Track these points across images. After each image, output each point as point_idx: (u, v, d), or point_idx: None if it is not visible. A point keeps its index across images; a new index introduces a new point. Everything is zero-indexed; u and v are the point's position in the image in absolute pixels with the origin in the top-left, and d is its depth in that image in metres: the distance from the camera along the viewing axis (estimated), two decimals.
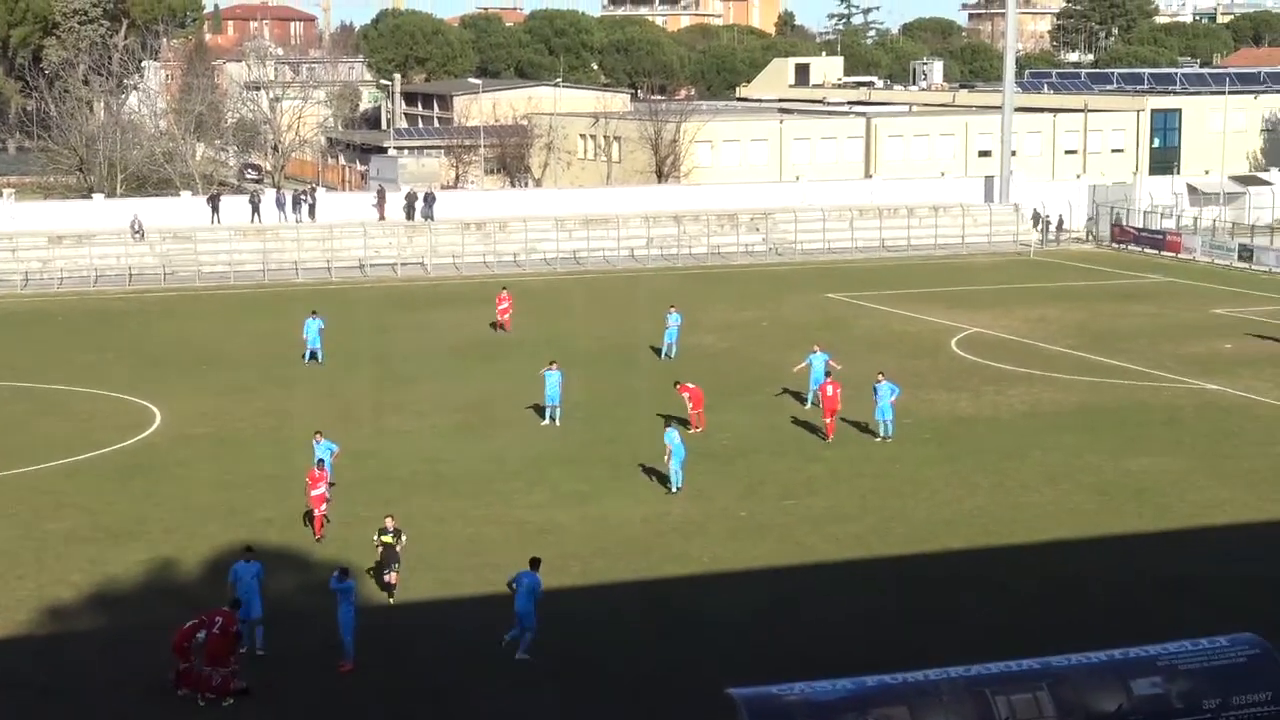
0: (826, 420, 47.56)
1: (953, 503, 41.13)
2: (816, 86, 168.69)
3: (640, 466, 43.98)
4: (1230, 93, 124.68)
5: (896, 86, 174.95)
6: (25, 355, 61.66)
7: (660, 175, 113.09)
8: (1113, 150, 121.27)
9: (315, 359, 59.12)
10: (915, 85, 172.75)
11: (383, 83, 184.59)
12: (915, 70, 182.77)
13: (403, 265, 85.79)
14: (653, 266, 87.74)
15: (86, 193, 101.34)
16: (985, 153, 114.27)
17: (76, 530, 38.69)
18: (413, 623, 32.69)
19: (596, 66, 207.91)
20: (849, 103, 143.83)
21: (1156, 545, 37.94)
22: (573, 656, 30.77)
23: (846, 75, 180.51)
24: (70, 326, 68.81)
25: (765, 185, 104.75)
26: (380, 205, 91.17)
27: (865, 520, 39.59)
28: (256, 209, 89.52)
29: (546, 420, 49.48)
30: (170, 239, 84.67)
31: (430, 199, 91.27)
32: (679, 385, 48.68)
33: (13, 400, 53.68)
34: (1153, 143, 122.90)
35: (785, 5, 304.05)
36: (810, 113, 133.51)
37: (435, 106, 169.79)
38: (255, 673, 29.49)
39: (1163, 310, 72.52)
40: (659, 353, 60.34)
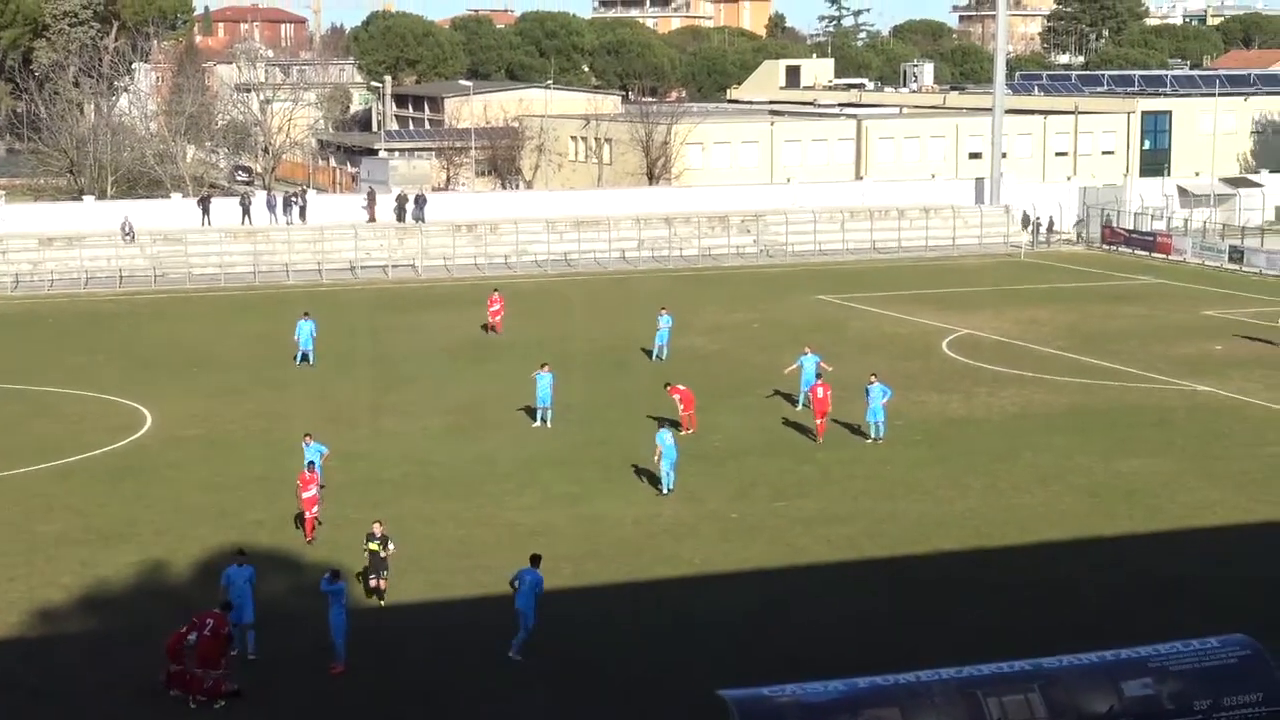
0: (817, 422, 47.60)
1: (944, 504, 41.14)
2: (807, 88, 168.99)
3: (632, 468, 43.98)
4: (1220, 95, 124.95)
5: (887, 88, 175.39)
6: (16, 357, 61.58)
7: (651, 177, 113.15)
8: (1103, 152, 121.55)
9: (306, 361, 59.10)
10: (906, 87, 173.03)
11: (373, 85, 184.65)
12: (906, 72, 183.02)
13: (394, 267, 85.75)
14: (644, 268, 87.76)
15: (77, 195, 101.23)
16: (976, 155, 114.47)
17: (67, 532, 38.63)
18: (404, 625, 32.66)
19: (587, 68, 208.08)
20: (840, 105, 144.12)
21: (1147, 547, 37.97)
22: (564, 658, 30.75)
23: (837, 77, 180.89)
24: (61, 328, 68.73)
25: (756, 187, 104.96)
26: (371, 207, 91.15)
27: (857, 522, 39.59)
28: (247, 211, 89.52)
29: (538, 422, 49.46)
30: (161, 241, 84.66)
31: (421, 201, 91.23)
32: (669, 387, 48.67)
33: (3, 402, 53.56)
34: (1143, 145, 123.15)
35: (776, 7, 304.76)
36: (801, 115, 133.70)
37: (426, 108, 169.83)
38: (246, 675, 29.46)
39: (1153, 312, 72.60)
40: (650, 354, 60.34)
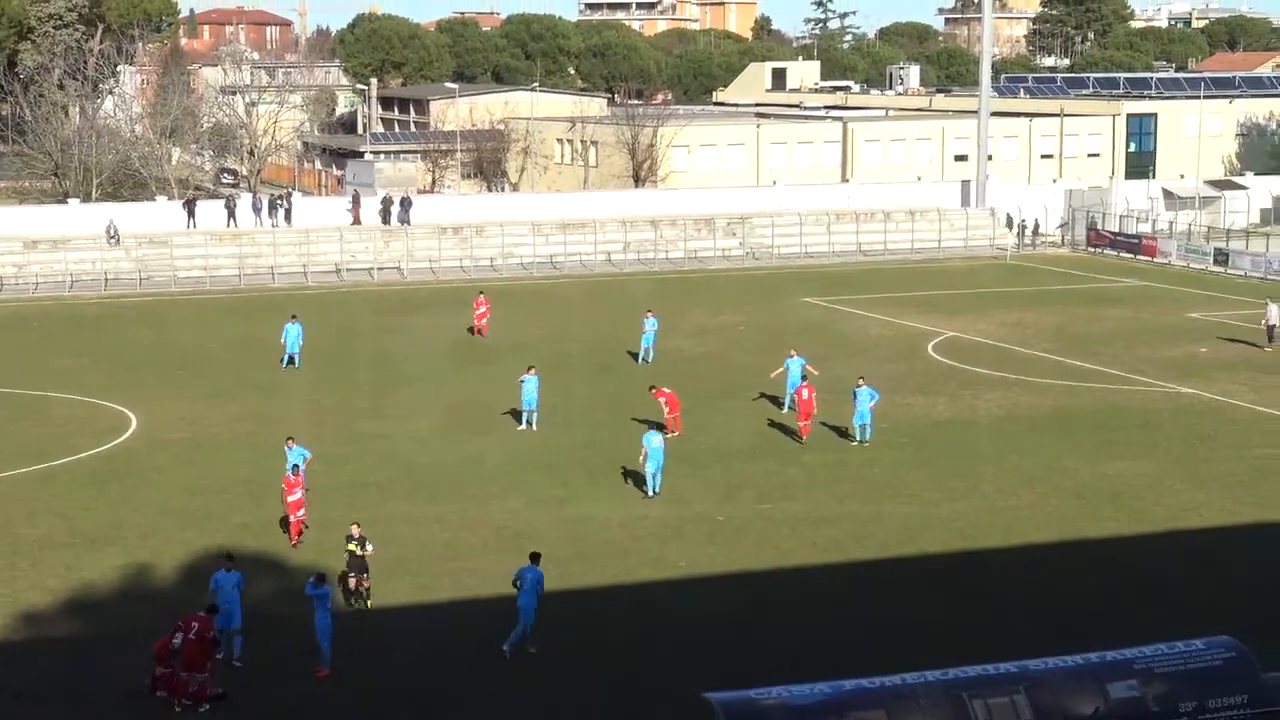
0: (802, 423, 47.62)
1: (930, 506, 41.17)
2: (793, 91, 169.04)
3: (618, 471, 43.97)
4: (1205, 97, 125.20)
5: (873, 91, 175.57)
6: (0, 361, 61.40)
7: (637, 180, 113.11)
8: (1089, 154, 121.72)
9: (293, 364, 59.03)
10: (892, 90, 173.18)
11: (359, 87, 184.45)
12: (892, 75, 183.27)
13: (379, 270, 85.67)
14: (629, 271, 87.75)
15: (62, 198, 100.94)
16: (962, 157, 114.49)
17: (52, 536, 38.55)
18: (390, 627, 32.63)
19: (573, 71, 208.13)
20: (826, 107, 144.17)
21: (1133, 549, 38.02)
22: (550, 660, 30.74)
23: (823, 80, 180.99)
24: (46, 331, 68.55)
25: (742, 190, 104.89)
26: (355, 210, 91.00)
27: (842, 524, 39.61)
28: (232, 214, 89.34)
29: (524, 425, 49.43)
30: (146, 244, 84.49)
31: (407, 203, 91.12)
32: (655, 390, 48.66)
33: None
34: (1128, 147, 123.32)
35: (762, 10, 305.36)
36: (787, 117, 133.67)
37: (412, 111, 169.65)
38: (232, 678, 29.42)
39: (1138, 314, 72.71)
40: (636, 357, 60.32)
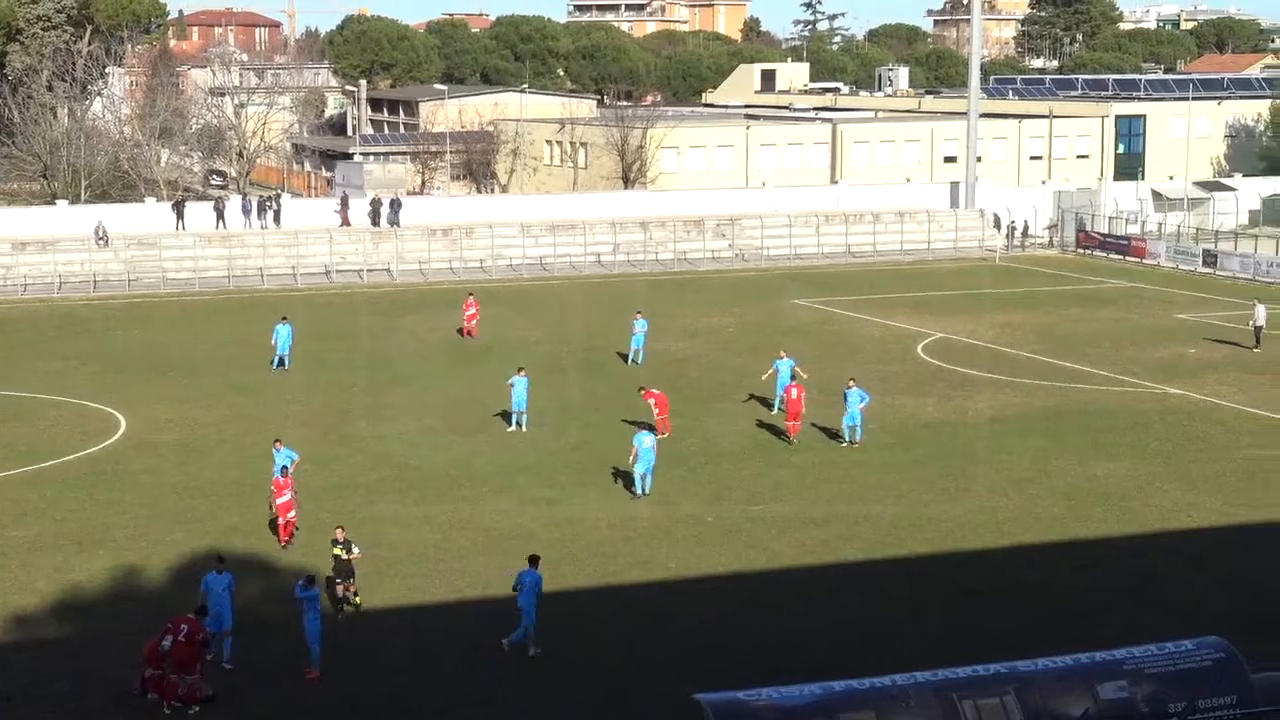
0: (790, 424, 47.64)
1: (919, 507, 41.18)
2: (782, 92, 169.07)
3: (607, 472, 43.97)
4: (1194, 99, 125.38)
5: (862, 92, 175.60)
6: None
7: (626, 181, 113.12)
8: (1078, 156, 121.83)
9: (283, 365, 58.96)
10: (881, 91, 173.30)
11: (348, 88, 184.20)
12: (881, 76, 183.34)
13: (369, 271, 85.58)
14: (619, 272, 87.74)
15: (50, 199, 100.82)
16: (951, 158, 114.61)
17: (41, 538, 38.47)
18: (380, 629, 32.60)
19: (562, 72, 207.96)
20: (815, 109, 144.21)
21: (1122, 549, 38.05)
22: (540, 662, 30.73)
23: (812, 81, 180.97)
24: (34, 333, 68.39)
25: (731, 191, 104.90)
26: (343, 211, 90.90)
27: (831, 525, 39.62)
28: (221, 215, 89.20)
29: (513, 426, 49.39)
30: (135, 245, 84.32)
31: (396, 205, 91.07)
32: (644, 391, 48.67)
33: None
34: (1117, 148, 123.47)
35: (751, 11, 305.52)
36: (776, 119, 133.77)
37: (401, 112, 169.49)
38: (221, 680, 29.38)
39: (1127, 315, 72.78)
40: (626, 359, 60.31)
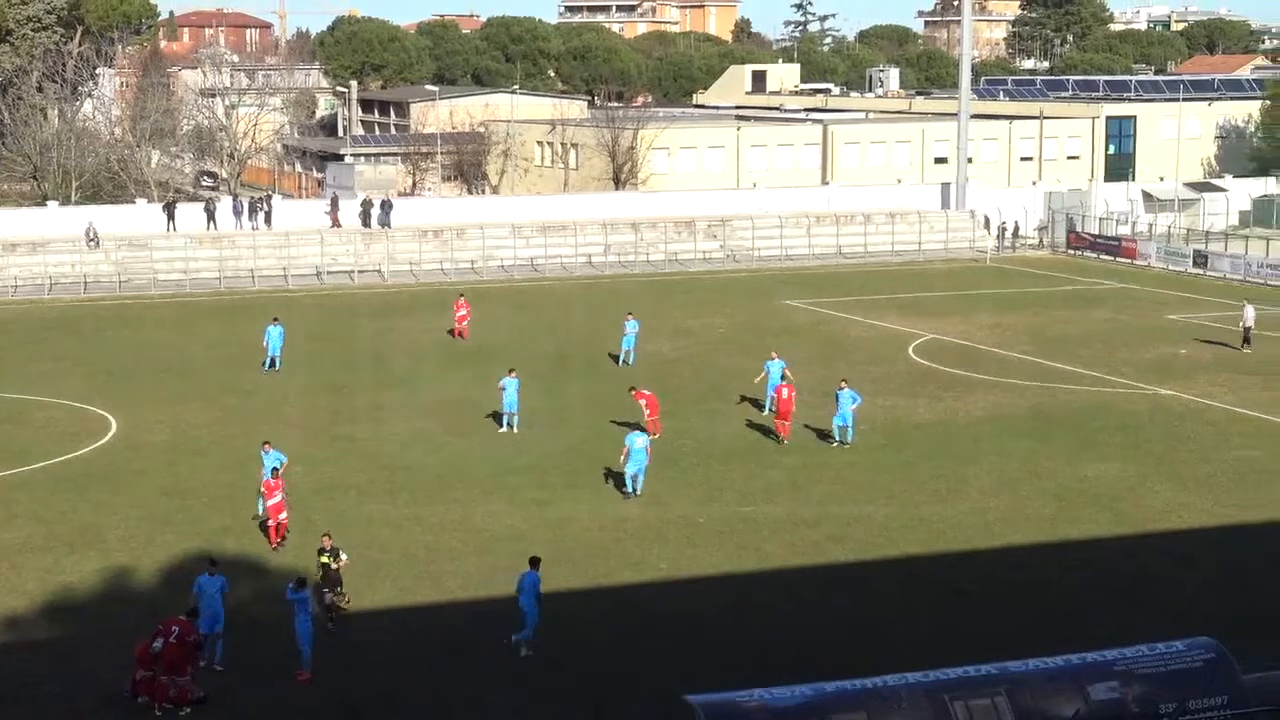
0: (781, 424, 47.65)
1: (909, 508, 41.21)
2: (773, 93, 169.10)
3: (598, 473, 43.96)
4: (1185, 100, 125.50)
5: (853, 93, 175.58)
6: None
7: (617, 182, 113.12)
8: (1068, 157, 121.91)
9: (274, 366, 58.93)
10: (872, 92, 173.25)
11: (339, 89, 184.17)
12: (872, 77, 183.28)
13: (360, 273, 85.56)
14: (610, 273, 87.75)
15: (41, 200, 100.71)
16: (941, 159, 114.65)
17: (31, 539, 38.42)
18: (370, 630, 32.58)
19: (553, 73, 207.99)
20: (805, 110, 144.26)
21: (1113, 549, 38.09)
22: (531, 663, 30.74)
23: (803, 82, 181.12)
24: (25, 335, 68.31)
25: (722, 192, 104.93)
26: (334, 213, 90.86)
27: (822, 526, 39.63)
28: (212, 216, 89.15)
29: (504, 427, 49.39)
30: (125, 247, 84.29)
31: (387, 206, 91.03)
32: (635, 391, 48.67)
33: None
34: (1108, 149, 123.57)
35: (742, 12, 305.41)
36: (767, 120, 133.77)
37: (392, 113, 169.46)
38: (213, 682, 29.36)
39: (1118, 316, 72.86)
40: (617, 360, 60.31)
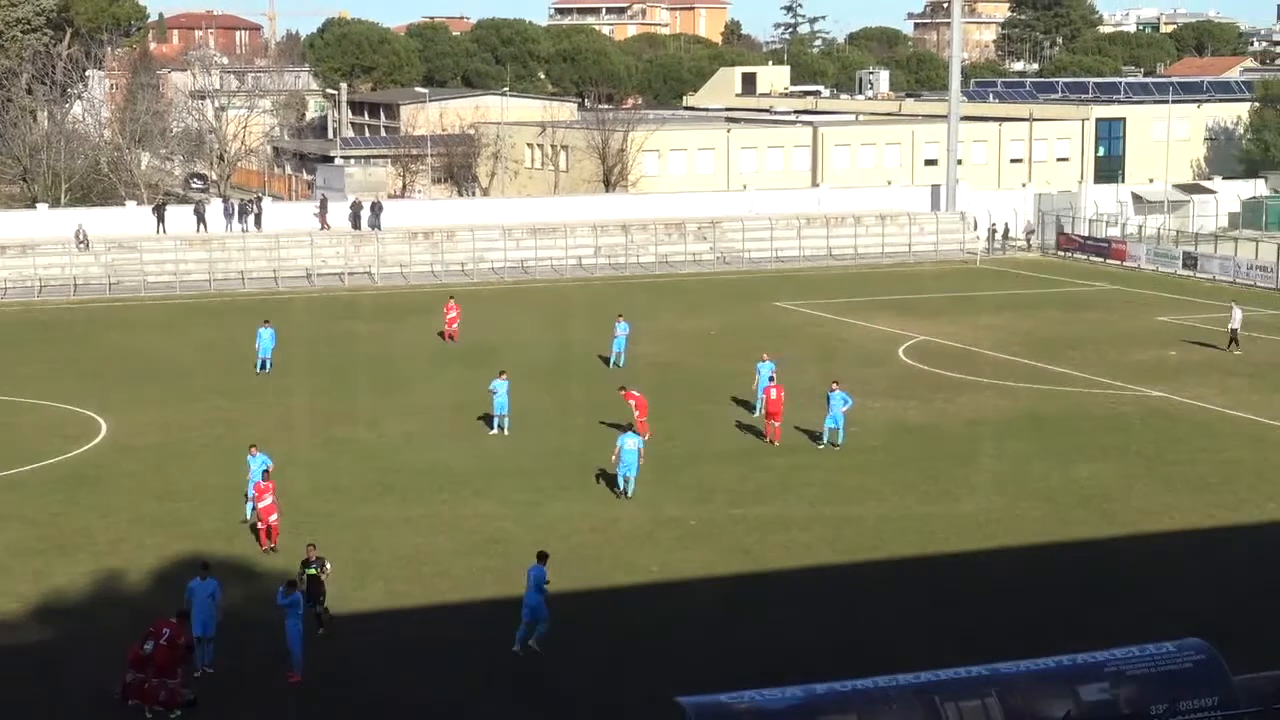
0: (772, 424, 47.65)
1: (900, 510, 41.23)
2: (763, 96, 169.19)
3: (589, 475, 43.95)
4: (1174, 101, 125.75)
5: (843, 96, 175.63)
6: None
7: (608, 184, 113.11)
8: (1058, 159, 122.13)
9: (265, 368, 58.88)
10: (862, 94, 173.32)
11: (329, 92, 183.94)
12: (861, 79, 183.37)
13: (350, 275, 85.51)
14: (600, 275, 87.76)
15: (30, 202, 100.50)
16: (931, 161, 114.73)
17: (21, 542, 38.36)
18: (361, 632, 32.56)
19: (543, 75, 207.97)
20: (795, 112, 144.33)
21: (1103, 551, 38.13)
22: (521, 665, 30.73)
23: (793, 84, 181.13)
24: (14, 337, 68.21)
25: (713, 194, 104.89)
26: (322, 215, 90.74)
27: (814, 528, 39.65)
28: (202, 218, 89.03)
29: (495, 429, 49.37)
30: (115, 249, 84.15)
31: (377, 208, 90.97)
32: (624, 391, 48.67)
33: None
34: (1097, 151, 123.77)
35: (732, 15, 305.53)
36: (757, 122, 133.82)
37: (382, 115, 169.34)
38: (204, 685, 29.33)
39: (1108, 318, 72.95)
40: (607, 362, 60.30)
